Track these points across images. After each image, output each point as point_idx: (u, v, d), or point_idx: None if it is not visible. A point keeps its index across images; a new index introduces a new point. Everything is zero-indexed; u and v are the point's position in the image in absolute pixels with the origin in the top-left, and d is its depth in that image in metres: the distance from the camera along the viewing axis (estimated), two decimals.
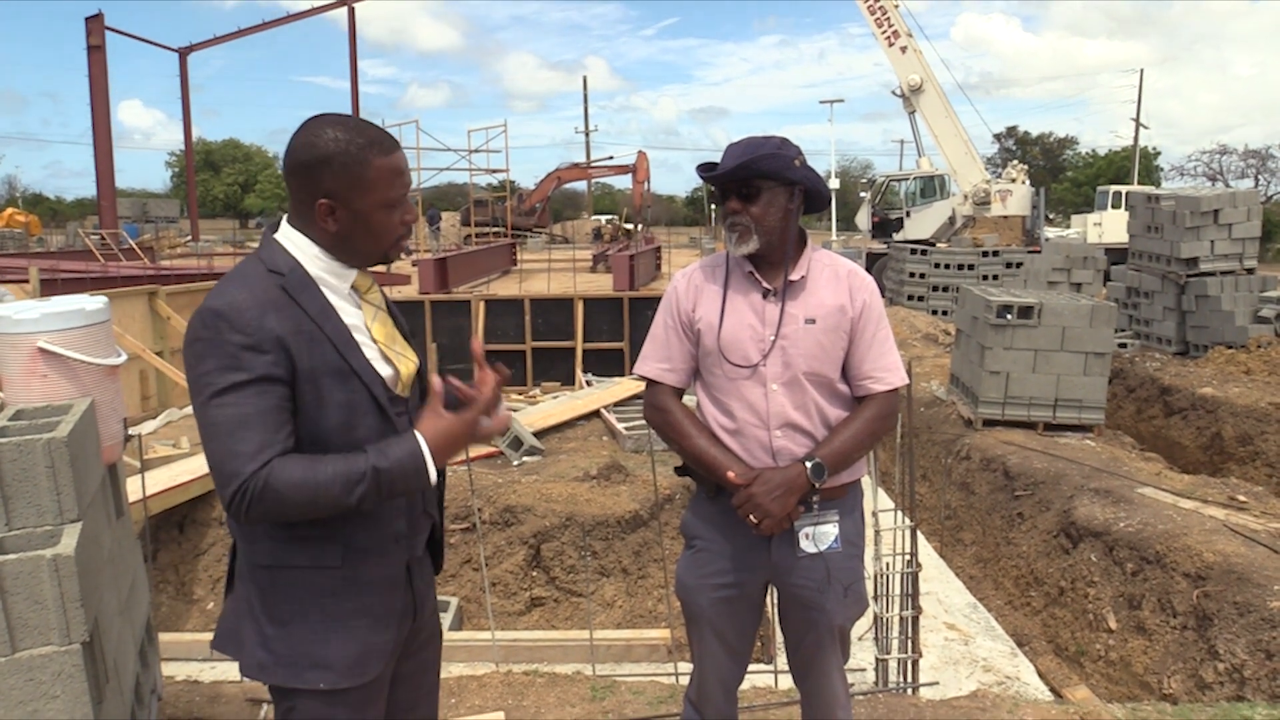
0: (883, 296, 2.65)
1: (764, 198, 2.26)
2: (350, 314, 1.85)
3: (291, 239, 1.84)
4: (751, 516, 2.22)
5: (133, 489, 4.05)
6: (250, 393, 1.67)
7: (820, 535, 2.31)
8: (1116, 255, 16.62)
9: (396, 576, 1.93)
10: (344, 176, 1.77)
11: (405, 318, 2.08)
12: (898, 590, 4.42)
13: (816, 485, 2.24)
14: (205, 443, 1.70)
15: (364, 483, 1.70)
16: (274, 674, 1.83)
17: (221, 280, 1.80)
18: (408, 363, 1.94)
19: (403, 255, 1.93)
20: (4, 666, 1.94)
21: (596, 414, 9.30)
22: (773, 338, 2.30)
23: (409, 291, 17.68)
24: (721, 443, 2.34)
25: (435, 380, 1.87)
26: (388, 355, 1.89)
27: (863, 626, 2.74)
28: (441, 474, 2.01)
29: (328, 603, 1.82)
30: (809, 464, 2.24)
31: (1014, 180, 24.32)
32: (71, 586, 1.97)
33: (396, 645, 1.95)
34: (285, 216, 1.88)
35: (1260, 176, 49.89)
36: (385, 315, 1.97)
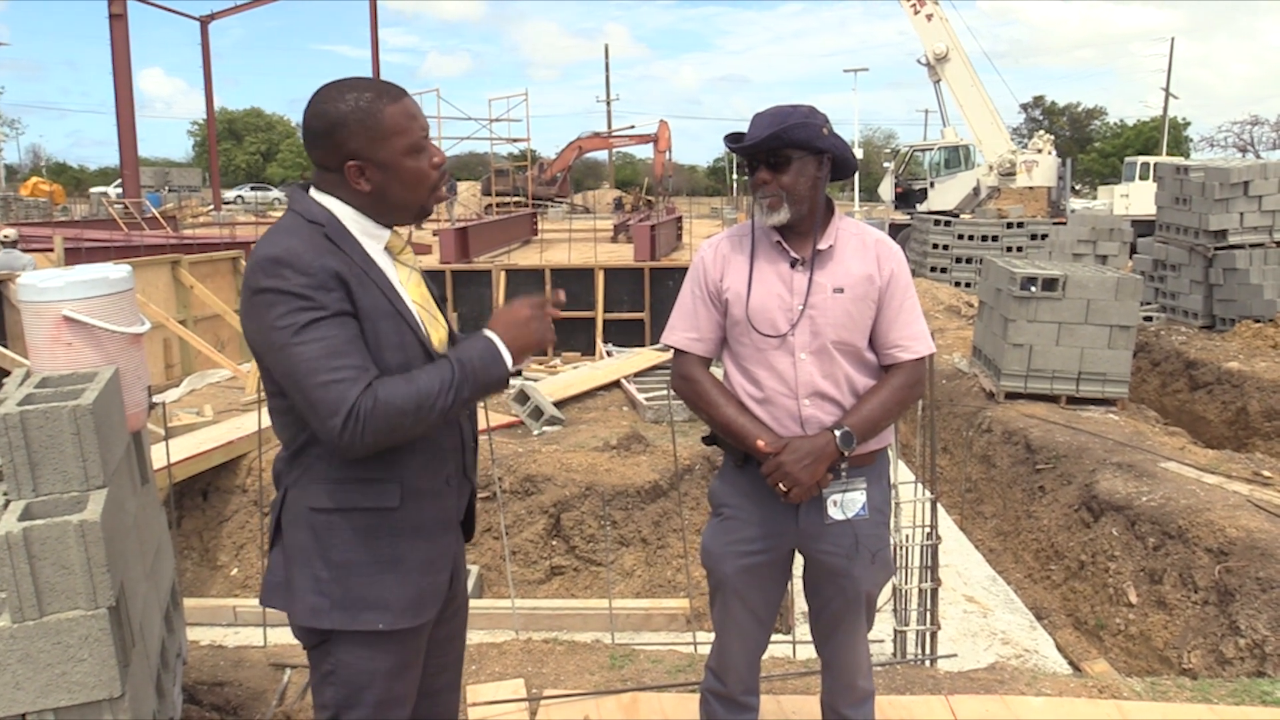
0: None
1: (794, 167, 2.24)
2: (388, 269, 1.86)
3: (323, 200, 1.84)
4: (780, 484, 2.24)
5: (157, 456, 4.08)
6: (332, 324, 1.69)
7: (848, 502, 2.33)
8: (1143, 227, 16.40)
9: (449, 520, 1.96)
10: (362, 133, 1.77)
11: None
12: (917, 562, 4.42)
13: (845, 453, 2.25)
14: (297, 381, 1.68)
15: (454, 379, 1.74)
16: (329, 618, 1.82)
17: (266, 234, 1.80)
18: (440, 328, 1.95)
19: (437, 204, 1.96)
20: (32, 630, 1.97)
21: (617, 384, 9.31)
22: (801, 307, 2.30)
23: (430, 261, 17.65)
24: (750, 412, 2.34)
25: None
26: (421, 318, 1.89)
27: (882, 598, 2.74)
28: (475, 439, 2.05)
29: (384, 544, 1.83)
30: (838, 432, 2.24)
31: (1040, 151, 24.02)
32: (97, 552, 1.99)
33: (445, 591, 1.97)
34: (312, 183, 1.87)
35: None
36: (419, 278, 1.97)
